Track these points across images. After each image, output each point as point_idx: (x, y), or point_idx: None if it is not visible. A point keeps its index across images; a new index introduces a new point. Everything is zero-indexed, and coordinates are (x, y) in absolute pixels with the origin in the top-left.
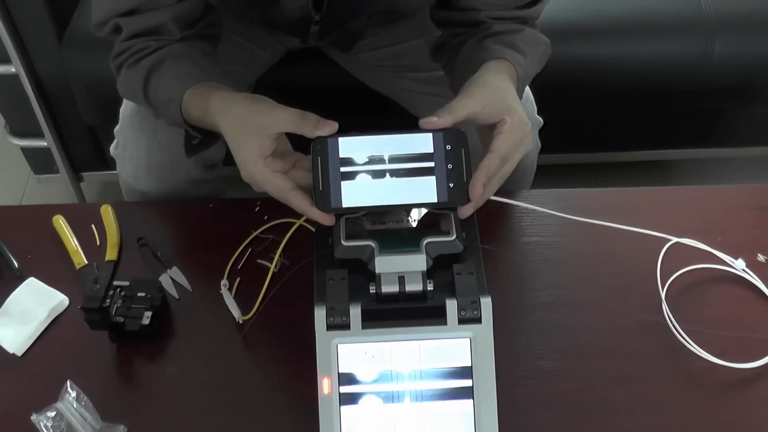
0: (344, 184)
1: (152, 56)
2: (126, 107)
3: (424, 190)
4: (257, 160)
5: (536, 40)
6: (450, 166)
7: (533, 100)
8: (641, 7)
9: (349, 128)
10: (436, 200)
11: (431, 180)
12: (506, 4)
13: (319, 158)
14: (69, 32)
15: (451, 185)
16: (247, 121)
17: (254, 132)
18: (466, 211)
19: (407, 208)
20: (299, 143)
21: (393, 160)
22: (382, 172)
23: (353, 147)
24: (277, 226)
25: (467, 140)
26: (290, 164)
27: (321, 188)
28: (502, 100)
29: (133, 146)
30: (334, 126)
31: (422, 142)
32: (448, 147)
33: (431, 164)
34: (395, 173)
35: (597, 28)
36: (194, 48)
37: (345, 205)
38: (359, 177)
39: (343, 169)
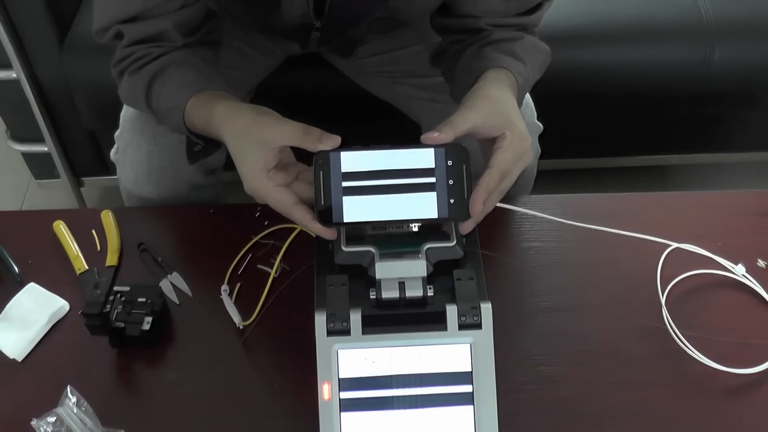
0: (346, 198)
1: (154, 63)
2: (126, 112)
3: (425, 206)
4: (260, 173)
5: (536, 48)
6: (451, 181)
7: (533, 106)
8: (641, 12)
9: (351, 138)
10: (437, 216)
11: (432, 195)
12: (506, 11)
13: (321, 172)
14: (70, 37)
15: (452, 201)
16: (250, 133)
17: (258, 145)
18: (466, 227)
19: (408, 223)
20: (300, 154)
21: (394, 175)
22: (383, 187)
23: (355, 161)
24: (278, 231)
25: (469, 155)
26: (293, 176)
27: (323, 203)
28: (503, 114)
29: (134, 151)
30: (336, 140)
31: (424, 158)
32: (450, 162)
33: (432, 180)
34: (396, 188)
35: (597, 33)
36: (196, 54)
37: (347, 220)
38: (361, 192)
39: (344, 184)
